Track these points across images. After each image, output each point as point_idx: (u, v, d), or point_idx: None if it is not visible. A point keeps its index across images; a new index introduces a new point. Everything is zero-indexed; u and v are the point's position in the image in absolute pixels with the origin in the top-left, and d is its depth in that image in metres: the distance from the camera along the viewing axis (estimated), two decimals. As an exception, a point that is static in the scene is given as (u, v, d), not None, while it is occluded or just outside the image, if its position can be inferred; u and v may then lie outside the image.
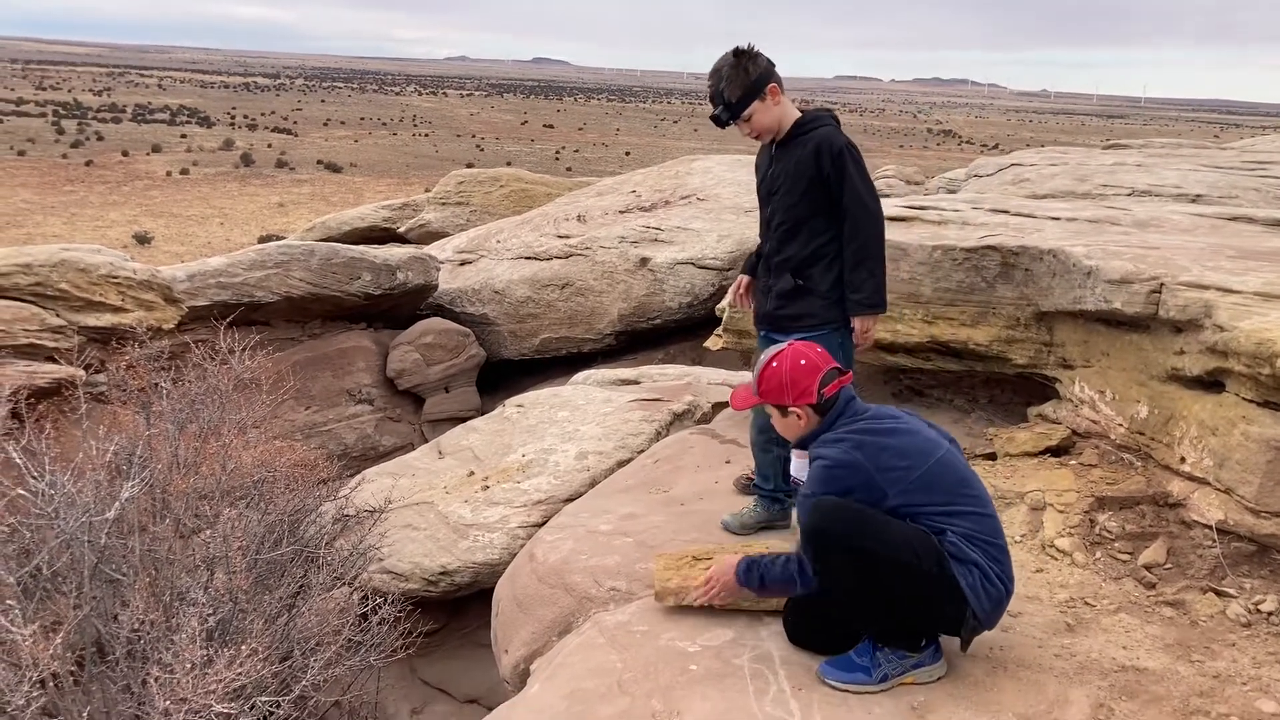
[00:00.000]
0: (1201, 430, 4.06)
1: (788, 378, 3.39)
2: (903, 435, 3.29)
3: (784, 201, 4.15)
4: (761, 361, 3.49)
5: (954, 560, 3.15)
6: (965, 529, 3.18)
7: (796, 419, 3.42)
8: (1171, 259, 4.66)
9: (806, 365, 3.40)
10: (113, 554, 4.76)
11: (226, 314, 8.67)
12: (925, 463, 3.22)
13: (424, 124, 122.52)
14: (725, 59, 4.02)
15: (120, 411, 5.94)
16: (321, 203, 58.66)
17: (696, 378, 8.53)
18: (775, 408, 3.46)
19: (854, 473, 3.19)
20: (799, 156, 4.07)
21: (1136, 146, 12.63)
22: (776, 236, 4.23)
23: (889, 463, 3.19)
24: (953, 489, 3.23)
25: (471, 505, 6.49)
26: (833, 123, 4.15)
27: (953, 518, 3.18)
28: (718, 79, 4.03)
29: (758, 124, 4.09)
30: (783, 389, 3.40)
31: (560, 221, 13.58)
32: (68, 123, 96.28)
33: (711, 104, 4.09)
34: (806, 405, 3.39)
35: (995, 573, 3.19)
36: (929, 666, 3.29)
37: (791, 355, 3.43)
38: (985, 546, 3.19)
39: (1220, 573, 3.82)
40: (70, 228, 48.61)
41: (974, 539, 3.18)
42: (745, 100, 4.01)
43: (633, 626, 3.63)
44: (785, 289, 4.20)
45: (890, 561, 3.09)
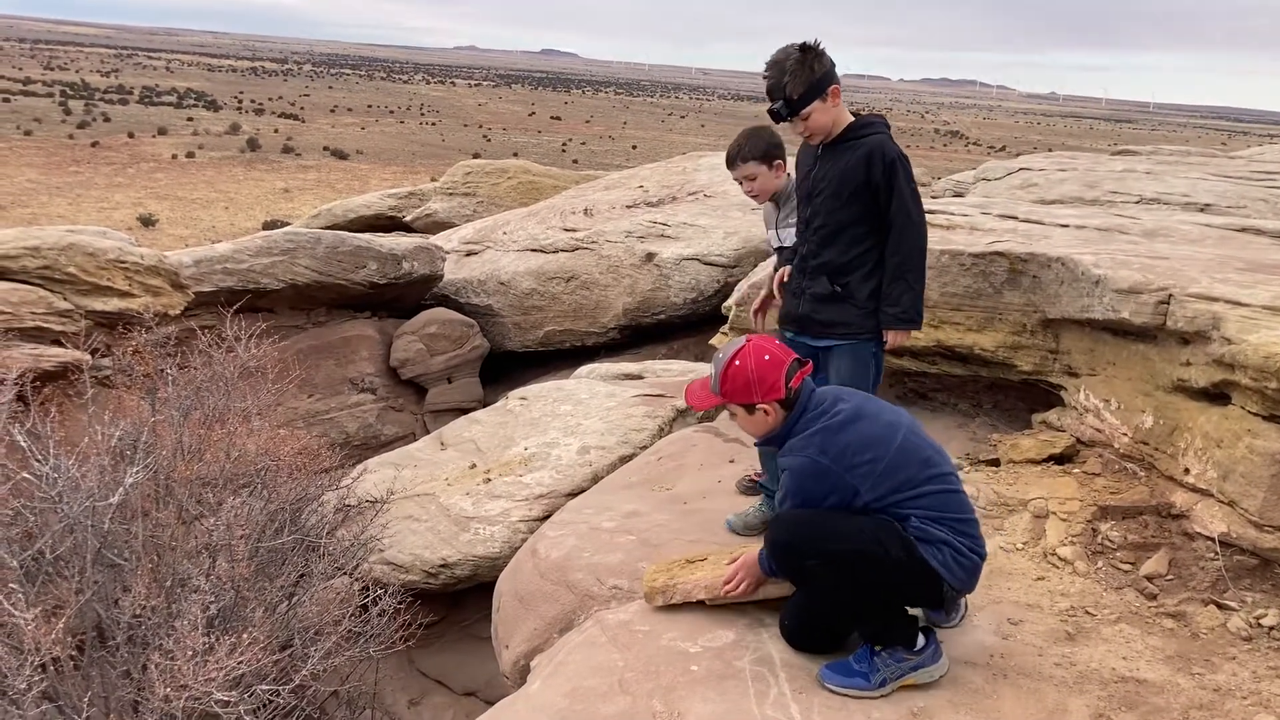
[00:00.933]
0: (1206, 442, 4.06)
1: (754, 375, 3.34)
2: (863, 423, 3.29)
3: (827, 205, 4.07)
4: (722, 360, 3.41)
5: (921, 543, 3.18)
6: (930, 510, 3.21)
7: (764, 415, 3.38)
8: (1180, 270, 4.65)
9: (771, 360, 3.36)
10: (115, 539, 4.77)
11: (232, 300, 8.68)
12: (888, 451, 3.23)
13: (431, 113, 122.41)
14: (789, 53, 3.90)
15: (125, 396, 5.95)
16: (327, 189, 58.65)
17: (700, 374, 8.53)
18: (741, 406, 3.41)
19: (824, 478, 3.21)
20: (848, 161, 3.99)
21: (1145, 153, 12.61)
22: (815, 239, 4.15)
23: (854, 460, 3.21)
24: (917, 471, 3.24)
25: (473, 498, 6.50)
26: (885, 130, 4.07)
27: (919, 499, 3.21)
28: (779, 73, 3.90)
29: (815, 123, 3.99)
30: (749, 387, 3.34)
31: (567, 215, 13.57)
32: (75, 103, 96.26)
33: (769, 97, 3.96)
34: (775, 401, 3.36)
35: (965, 545, 3.23)
36: (929, 667, 3.30)
37: (755, 351, 3.37)
38: (953, 523, 3.22)
39: (1222, 585, 3.83)
40: (75, 209, 48.63)
41: (941, 519, 3.21)
42: (807, 98, 3.91)
43: (635, 626, 3.64)
44: (821, 294, 4.14)
45: (857, 556, 3.14)
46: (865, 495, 3.20)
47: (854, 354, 4.13)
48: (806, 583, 3.32)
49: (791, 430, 3.35)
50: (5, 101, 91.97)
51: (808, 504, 3.26)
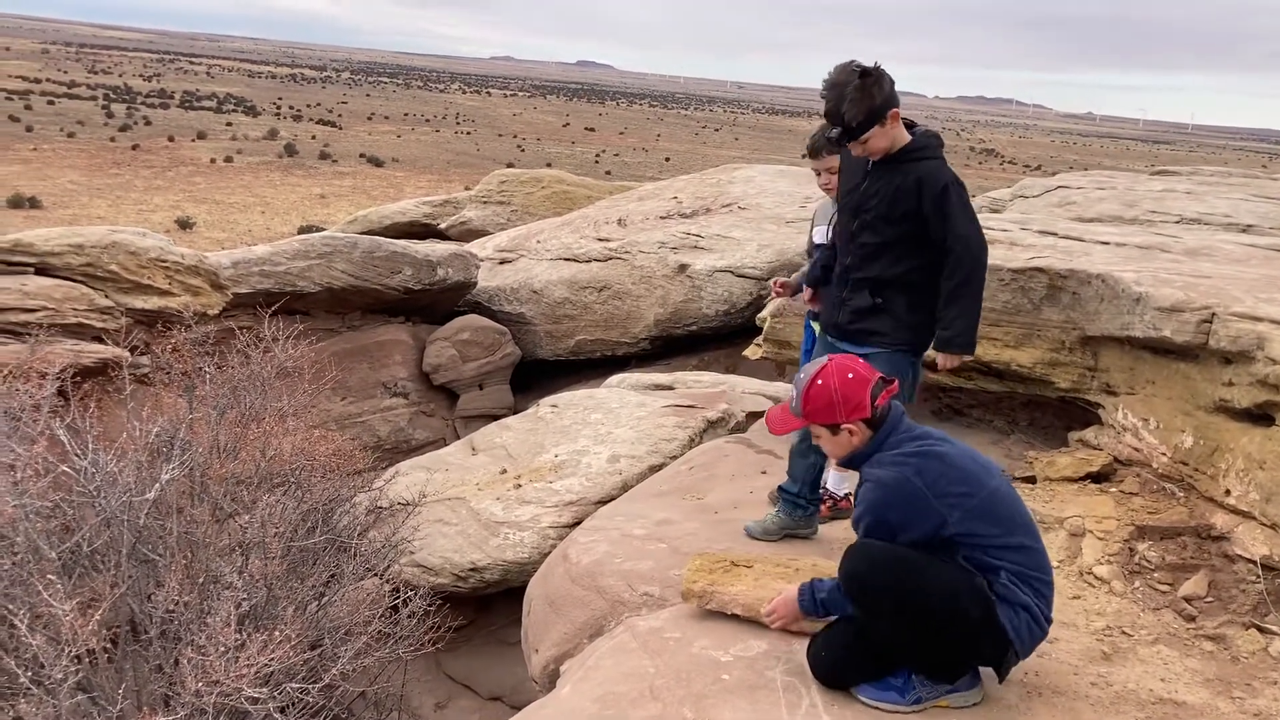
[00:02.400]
0: (1248, 463, 4.00)
1: (838, 394, 3.19)
2: (959, 460, 3.16)
3: (876, 224, 4.04)
4: (804, 380, 3.27)
5: (1002, 603, 3.06)
6: (1019, 565, 3.09)
7: (849, 436, 3.23)
8: (1224, 289, 4.60)
9: (855, 379, 3.21)
10: (150, 534, 4.82)
11: (269, 302, 8.77)
12: (982, 490, 3.10)
13: (467, 122, 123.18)
14: (848, 76, 3.80)
15: (163, 394, 6.01)
16: (362, 195, 59.08)
17: (731, 386, 8.52)
18: (825, 427, 3.26)
19: (911, 497, 3.06)
20: (900, 184, 3.94)
21: (1185, 173, 12.48)
22: (860, 254, 4.12)
23: (947, 488, 3.06)
24: (1009, 519, 3.12)
25: (503, 503, 6.52)
26: (940, 153, 4.04)
27: (1008, 551, 3.08)
28: (839, 98, 3.81)
29: (873, 146, 3.94)
30: (833, 407, 3.20)
31: (600, 224, 13.61)
32: (117, 107, 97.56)
33: (827, 120, 3.90)
34: (860, 420, 3.21)
35: (1042, 613, 3.12)
36: (964, 692, 3.25)
37: (838, 370, 3.23)
38: (1036, 584, 3.11)
39: (1263, 609, 3.77)
40: (115, 210, 49.23)
41: (1026, 577, 3.09)
42: (867, 124, 3.84)
43: (666, 633, 3.63)
44: (862, 306, 4.12)
45: (934, 611, 3.03)
46: (952, 527, 3.05)
47: (890, 362, 4.11)
48: (868, 622, 3.17)
49: (879, 450, 3.22)
50: (50, 104, 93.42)
51: (889, 525, 3.09)
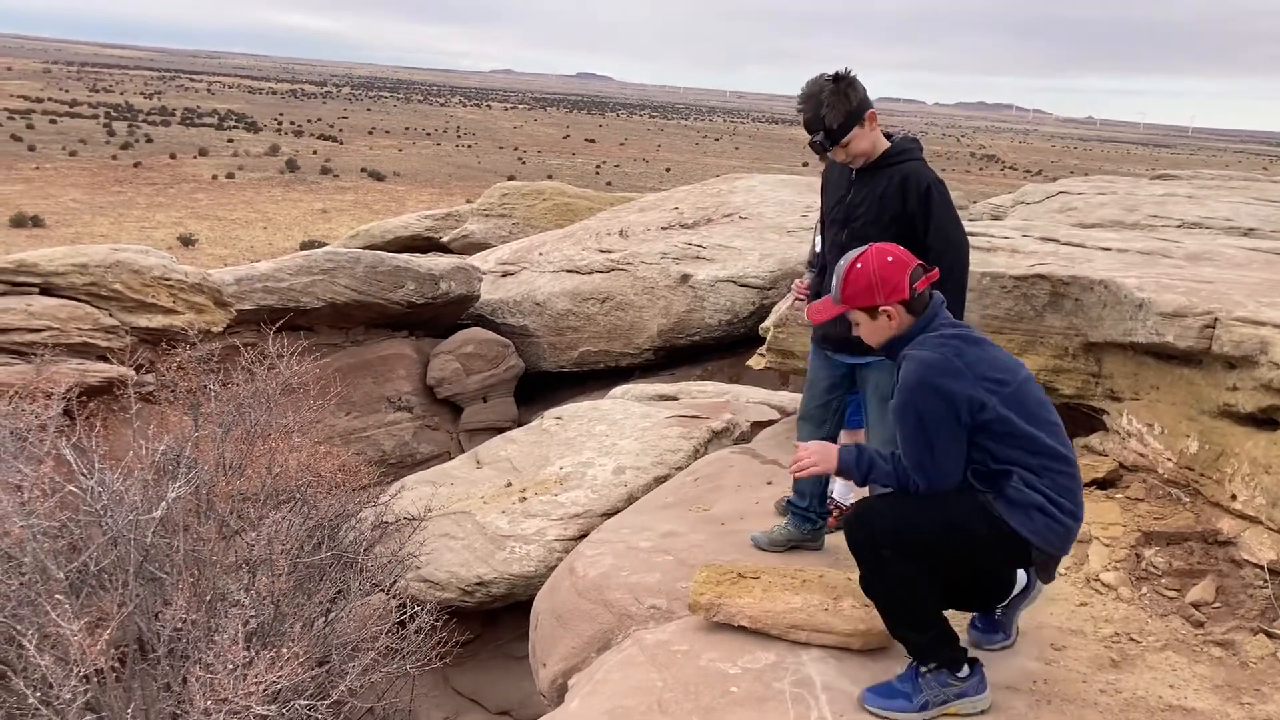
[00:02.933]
0: (1254, 468, 4.00)
1: (876, 276, 3.21)
2: (993, 349, 3.22)
3: (864, 230, 4.06)
4: (843, 266, 3.29)
5: (1013, 508, 3.10)
6: (1037, 459, 3.11)
7: (887, 320, 3.24)
8: (1226, 294, 4.60)
9: (895, 261, 3.23)
10: (157, 553, 4.83)
11: (273, 319, 8.79)
12: (1017, 379, 3.16)
13: (467, 135, 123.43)
14: (822, 85, 3.93)
15: (169, 412, 6.03)
16: (364, 210, 59.18)
17: (735, 396, 8.52)
18: (863, 311, 3.27)
19: (954, 373, 3.07)
20: (884, 188, 4.01)
21: (1186, 177, 12.48)
22: None
23: (987, 373, 3.11)
24: (1036, 410, 3.17)
25: (509, 516, 6.52)
26: (919, 154, 4.10)
27: (1031, 442, 3.11)
28: (816, 105, 3.93)
29: (856, 149, 4.01)
30: (872, 288, 3.22)
31: (602, 236, 13.63)
32: (118, 124, 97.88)
33: (808, 130, 3.99)
34: (898, 302, 3.22)
35: (1061, 508, 3.13)
36: (973, 697, 3.26)
37: (876, 254, 3.26)
38: (1053, 477, 3.13)
39: (1271, 614, 3.76)
40: (117, 228, 49.34)
41: (1043, 470, 3.12)
42: (846, 127, 3.94)
43: (673, 645, 3.63)
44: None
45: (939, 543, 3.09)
46: (989, 413, 3.06)
47: (890, 371, 4.12)
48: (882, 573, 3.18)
49: (921, 330, 3.24)
50: (52, 123, 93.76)
51: (928, 410, 3.06)
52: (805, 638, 3.53)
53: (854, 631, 3.53)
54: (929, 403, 3.08)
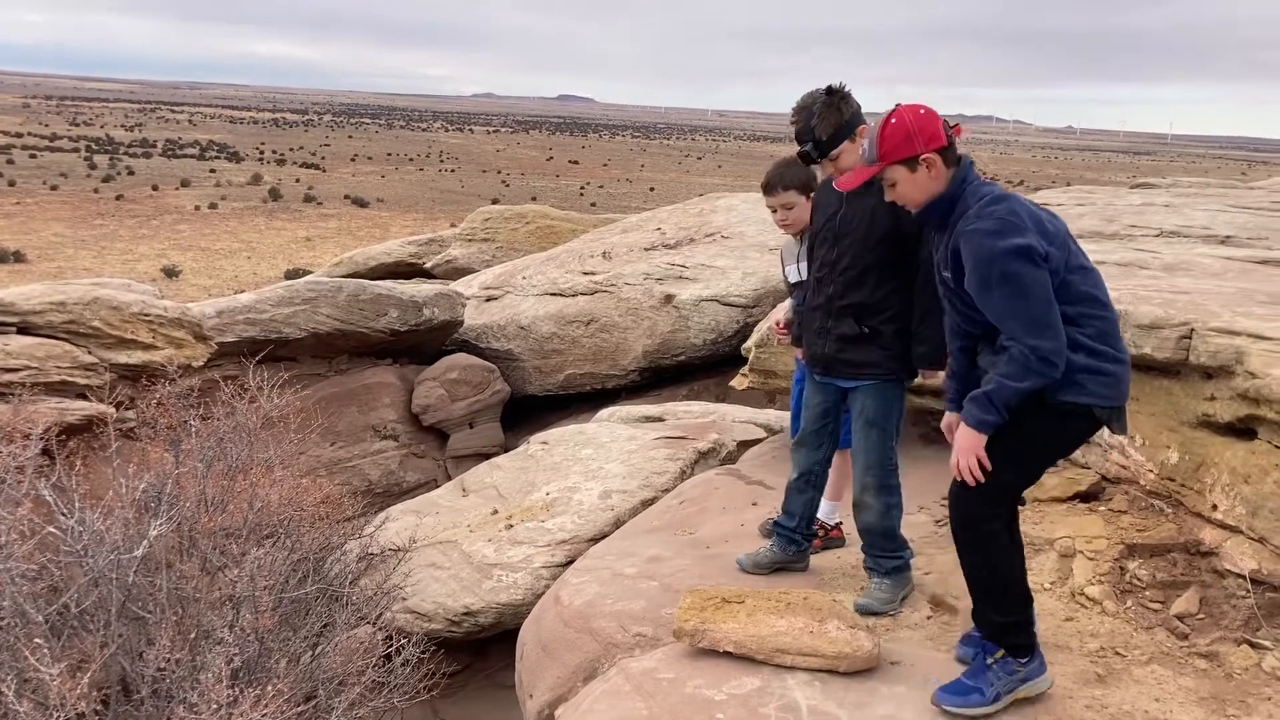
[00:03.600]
0: (1234, 478, 4.01)
1: (914, 125, 3.23)
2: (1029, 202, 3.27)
3: (855, 248, 4.07)
4: (876, 126, 3.32)
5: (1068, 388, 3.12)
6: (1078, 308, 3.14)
7: (927, 171, 3.25)
8: (1202, 304, 4.62)
9: (927, 113, 3.27)
10: (140, 592, 4.79)
11: (255, 350, 8.76)
12: (1058, 226, 3.21)
13: (450, 160, 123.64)
14: (816, 97, 3.95)
15: (149, 449, 5.99)
16: (348, 237, 59.21)
17: (721, 415, 8.52)
18: (903, 165, 3.26)
19: (1019, 233, 3.06)
20: (877, 205, 3.95)
21: (1164, 186, 12.56)
22: (842, 281, 4.13)
23: (1042, 225, 3.14)
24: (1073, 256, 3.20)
25: (495, 544, 6.49)
26: None
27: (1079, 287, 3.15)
28: (807, 116, 3.95)
29: (845, 164, 4.00)
30: (911, 137, 3.22)
31: (585, 258, 13.65)
32: (100, 158, 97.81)
33: (798, 141, 4.01)
34: (937, 150, 3.23)
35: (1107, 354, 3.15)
36: (1035, 680, 3.35)
37: (908, 108, 3.29)
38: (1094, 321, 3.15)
39: (1255, 624, 3.77)
40: (100, 261, 49.24)
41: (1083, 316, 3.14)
42: (836, 140, 3.96)
43: (659, 673, 3.61)
44: (849, 334, 4.11)
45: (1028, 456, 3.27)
46: (1052, 261, 3.10)
47: (879, 393, 4.12)
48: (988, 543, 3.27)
49: (959, 193, 3.24)
50: (33, 158, 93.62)
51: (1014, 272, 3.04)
52: (791, 661, 3.52)
53: (839, 654, 3.52)
54: (1012, 265, 3.06)
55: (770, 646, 3.58)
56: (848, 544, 4.73)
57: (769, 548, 4.48)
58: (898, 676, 3.52)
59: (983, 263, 3.10)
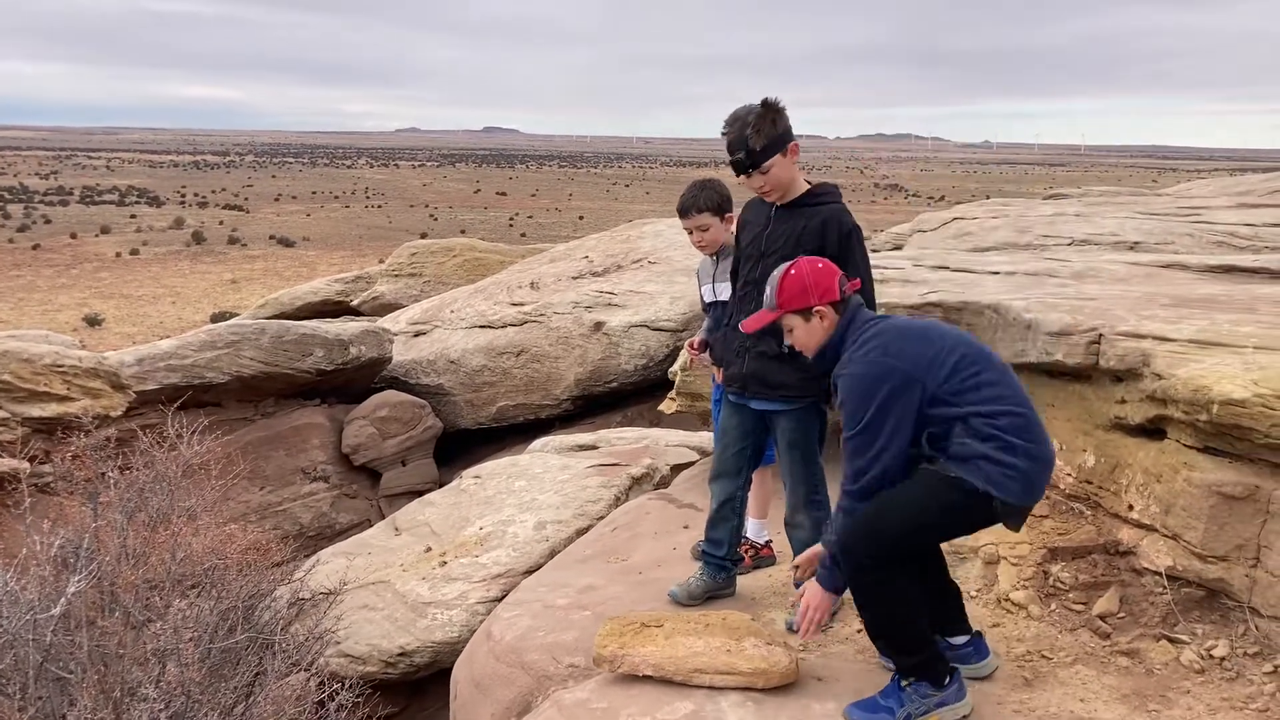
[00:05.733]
0: (1147, 477, 4.11)
1: (810, 279, 3.47)
2: (917, 322, 3.47)
3: (778, 265, 4.13)
4: (776, 275, 3.54)
5: (962, 465, 3.21)
6: (989, 403, 3.22)
7: (819, 320, 3.47)
8: (1109, 309, 4.74)
9: (824, 268, 3.51)
10: (59, 651, 4.64)
11: (176, 397, 8.59)
12: (948, 338, 3.34)
13: (377, 195, 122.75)
14: (750, 109, 3.97)
15: (66, 503, 5.83)
16: (275, 278, 58.41)
17: (655, 440, 8.53)
18: (798, 314, 3.49)
19: (889, 375, 3.24)
20: (805, 226, 4.02)
21: (1076, 195, 12.92)
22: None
23: (915, 350, 3.27)
24: (977, 360, 3.31)
25: (429, 582, 6.41)
26: (840, 200, 4.15)
27: (980, 389, 3.24)
28: (741, 126, 3.96)
29: (774, 177, 4.03)
30: (806, 290, 3.46)
31: (514, 289, 13.62)
32: (14, 207, 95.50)
33: (730, 151, 4.00)
34: (830, 304, 3.46)
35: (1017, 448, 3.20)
36: (953, 705, 3.35)
37: (807, 261, 3.55)
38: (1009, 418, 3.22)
39: (1172, 619, 3.85)
40: (18, 313, 47.98)
41: (998, 413, 3.22)
42: (769, 151, 3.96)
43: (591, 704, 3.59)
44: (768, 353, 4.11)
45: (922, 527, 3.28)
46: (930, 387, 3.22)
47: (797, 417, 4.15)
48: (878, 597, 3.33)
49: (843, 338, 3.44)
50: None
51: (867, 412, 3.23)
52: (709, 680, 3.53)
53: (756, 670, 3.53)
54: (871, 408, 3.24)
55: (688, 667, 3.58)
56: (778, 562, 4.76)
57: (699, 577, 4.43)
58: (828, 693, 3.54)
59: (851, 395, 3.31)
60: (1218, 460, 3.80)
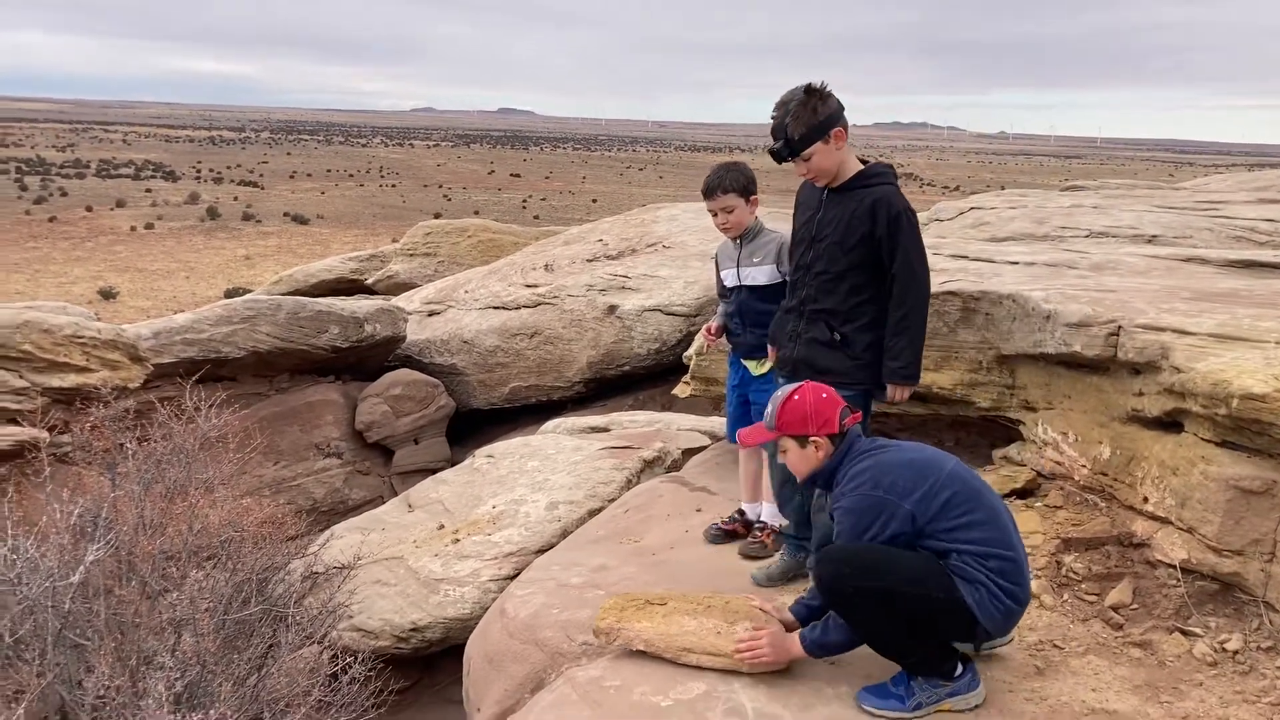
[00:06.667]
0: (1162, 470, 4.11)
1: (811, 409, 3.51)
2: (911, 453, 3.46)
3: (830, 251, 4.07)
4: (780, 396, 3.57)
5: (961, 579, 3.26)
6: (977, 544, 3.27)
7: (814, 450, 3.52)
8: (1128, 302, 4.74)
9: (828, 398, 3.56)
10: (77, 619, 4.69)
11: (193, 371, 8.63)
12: (940, 475, 3.34)
13: (391, 175, 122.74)
14: (795, 94, 3.91)
15: (85, 473, 5.88)
16: (288, 255, 58.52)
17: (666, 424, 8.55)
18: (794, 439, 3.54)
19: (880, 509, 3.29)
20: (854, 210, 3.99)
21: (1093, 188, 12.85)
22: (815, 285, 4.15)
23: (908, 485, 3.30)
24: (968, 500, 3.33)
25: (442, 559, 6.45)
26: (894, 180, 4.09)
27: (970, 529, 3.28)
28: (783, 113, 3.92)
29: (817, 165, 3.99)
30: (806, 420, 3.51)
31: (528, 271, 13.63)
32: (30, 179, 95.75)
33: (772, 137, 3.97)
34: (827, 436, 3.50)
35: (1004, 588, 3.27)
36: (965, 695, 3.38)
37: (812, 389, 3.58)
38: (998, 560, 3.28)
39: (1186, 612, 3.86)
40: (34, 285, 48.17)
41: (987, 554, 3.27)
42: (808, 140, 3.92)
43: (605, 681, 3.62)
44: (820, 339, 4.13)
45: (905, 595, 3.22)
46: (920, 520, 3.28)
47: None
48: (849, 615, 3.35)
49: (838, 467, 3.49)
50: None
51: (860, 541, 3.32)
52: (696, 660, 3.58)
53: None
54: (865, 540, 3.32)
55: (677, 645, 3.63)
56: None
57: (781, 558, 4.44)
58: (840, 676, 3.56)
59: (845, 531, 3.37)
60: (1236, 454, 3.80)
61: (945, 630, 3.34)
